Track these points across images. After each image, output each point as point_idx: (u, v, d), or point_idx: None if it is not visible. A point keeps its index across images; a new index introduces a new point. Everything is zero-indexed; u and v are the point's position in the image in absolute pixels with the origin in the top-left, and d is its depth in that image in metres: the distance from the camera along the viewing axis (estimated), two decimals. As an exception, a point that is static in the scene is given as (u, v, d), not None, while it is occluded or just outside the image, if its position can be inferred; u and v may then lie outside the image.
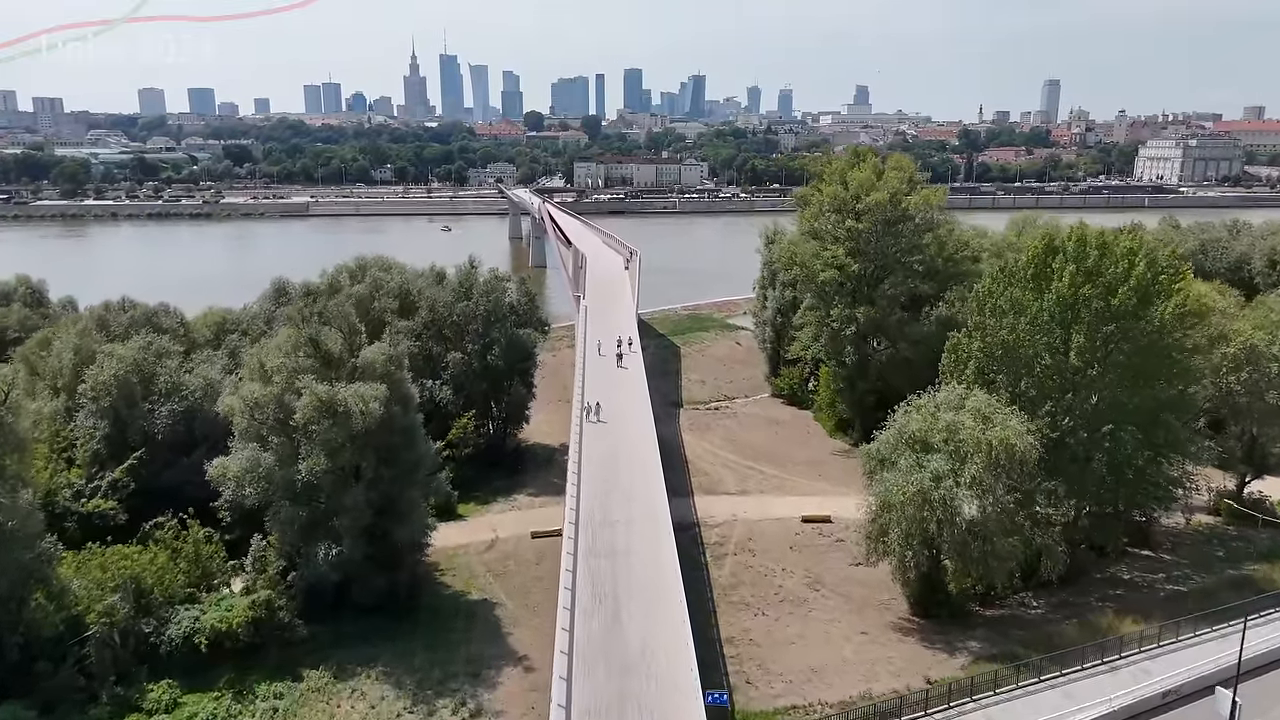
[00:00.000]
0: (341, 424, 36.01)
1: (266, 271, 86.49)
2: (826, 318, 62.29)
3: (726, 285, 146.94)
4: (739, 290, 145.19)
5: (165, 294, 63.32)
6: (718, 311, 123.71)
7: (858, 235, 59.95)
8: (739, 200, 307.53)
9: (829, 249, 60.05)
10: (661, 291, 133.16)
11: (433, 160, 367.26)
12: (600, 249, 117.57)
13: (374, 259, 64.93)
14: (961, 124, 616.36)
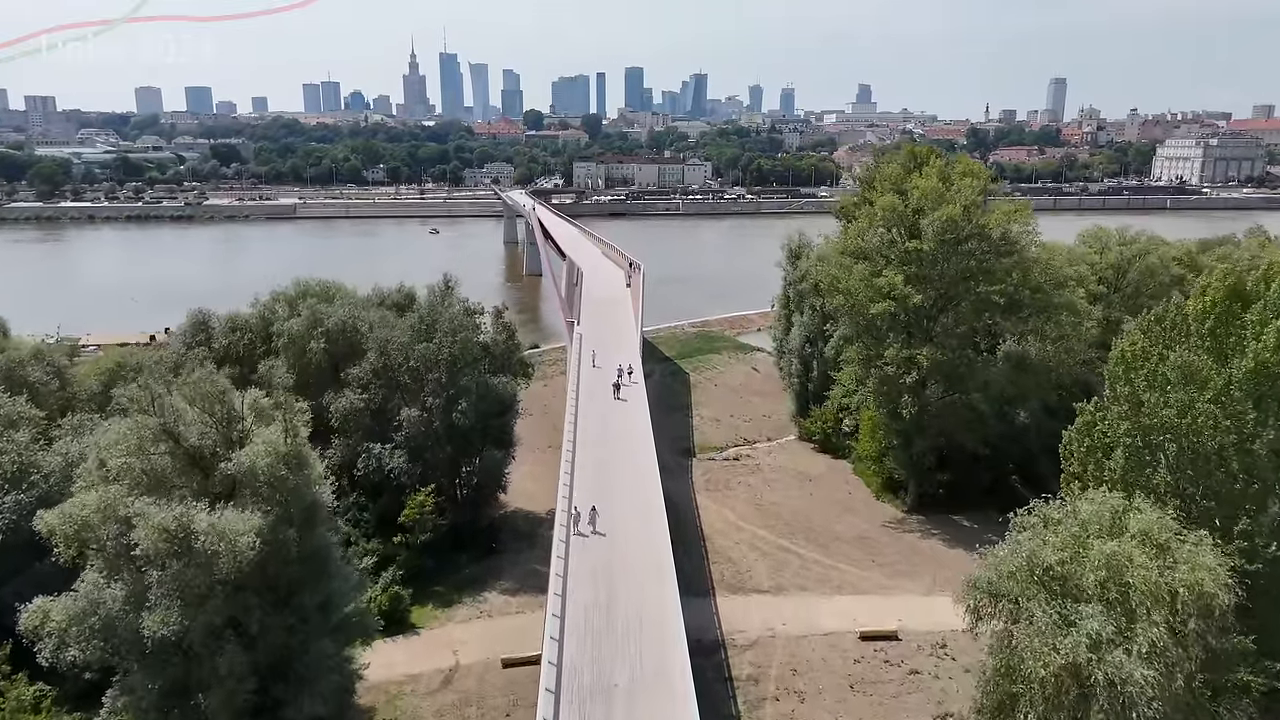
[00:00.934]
0: (201, 566, 23.88)
1: (245, 281, 76.81)
2: (876, 358, 50.06)
3: (737, 297, 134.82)
4: (750, 302, 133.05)
5: (122, 311, 51.40)
6: (729, 329, 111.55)
7: (919, 258, 47.64)
8: (745, 202, 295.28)
9: (884, 275, 47.66)
10: (667, 304, 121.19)
11: (428, 160, 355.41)
12: (599, 261, 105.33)
13: (316, 284, 52.22)
14: (969, 123, 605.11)
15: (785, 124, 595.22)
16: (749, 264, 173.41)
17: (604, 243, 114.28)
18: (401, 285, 63.87)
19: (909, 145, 66.14)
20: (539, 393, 78.84)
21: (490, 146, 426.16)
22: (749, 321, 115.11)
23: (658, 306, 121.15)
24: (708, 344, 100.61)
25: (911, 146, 61.77)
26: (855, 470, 59.81)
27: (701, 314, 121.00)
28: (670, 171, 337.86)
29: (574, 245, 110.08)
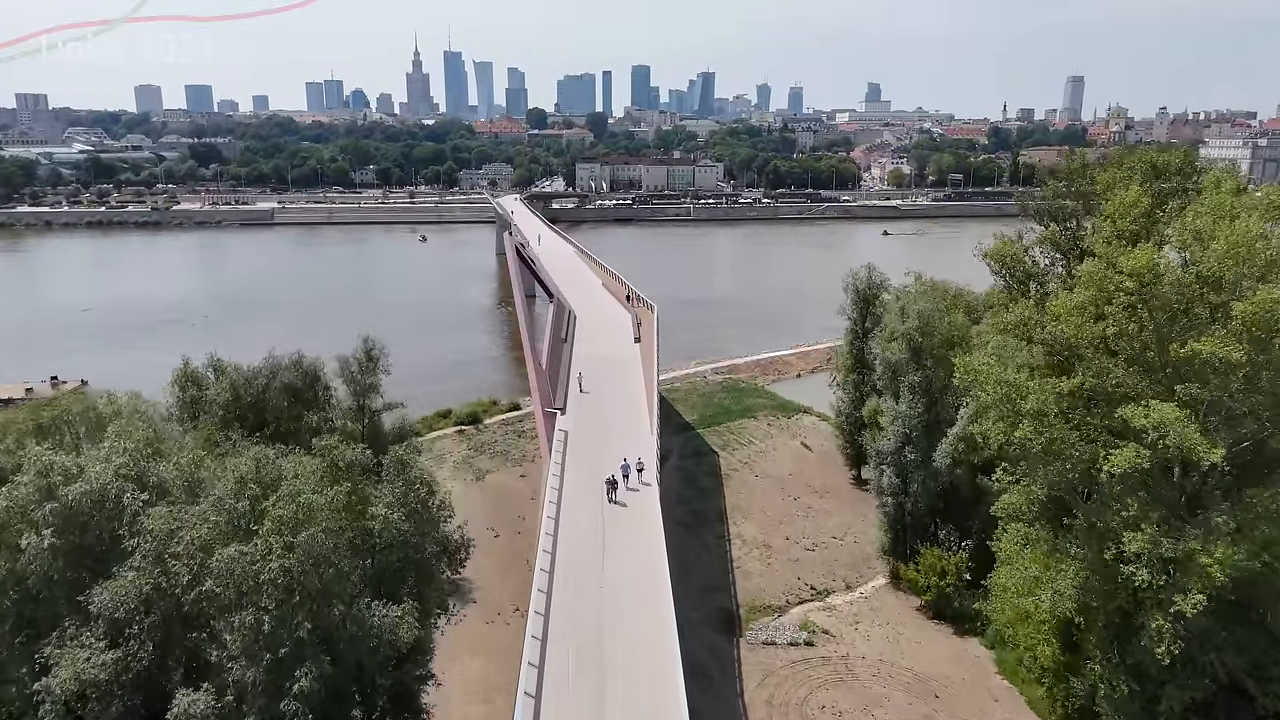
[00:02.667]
0: None
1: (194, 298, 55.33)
2: (1088, 534, 27.53)
3: (766, 325, 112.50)
4: (784, 333, 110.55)
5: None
6: (761, 375, 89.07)
7: (1210, 372, 24.73)
8: (761, 206, 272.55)
9: (1147, 407, 24.66)
10: (683, 336, 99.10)
11: (422, 160, 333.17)
12: (598, 298, 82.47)
13: (70, 395, 29.83)
14: (988, 121, 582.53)
15: (797, 123, 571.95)
16: (776, 280, 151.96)
17: (603, 266, 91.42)
18: (299, 358, 42.95)
19: (1129, 151, 44.40)
20: (511, 491, 56.61)
21: (490, 146, 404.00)
22: (786, 365, 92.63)
23: (671, 341, 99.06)
24: (738, 400, 78.10)
25: (1152, 153, 39.77)
26: (1000, 666, 37.45)
27: (726, 350, 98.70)
28: (680, 173, 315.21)
29: (567, 274, 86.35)
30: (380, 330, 49.21)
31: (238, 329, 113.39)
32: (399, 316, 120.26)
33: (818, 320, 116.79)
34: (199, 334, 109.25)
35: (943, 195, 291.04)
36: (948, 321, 47.20)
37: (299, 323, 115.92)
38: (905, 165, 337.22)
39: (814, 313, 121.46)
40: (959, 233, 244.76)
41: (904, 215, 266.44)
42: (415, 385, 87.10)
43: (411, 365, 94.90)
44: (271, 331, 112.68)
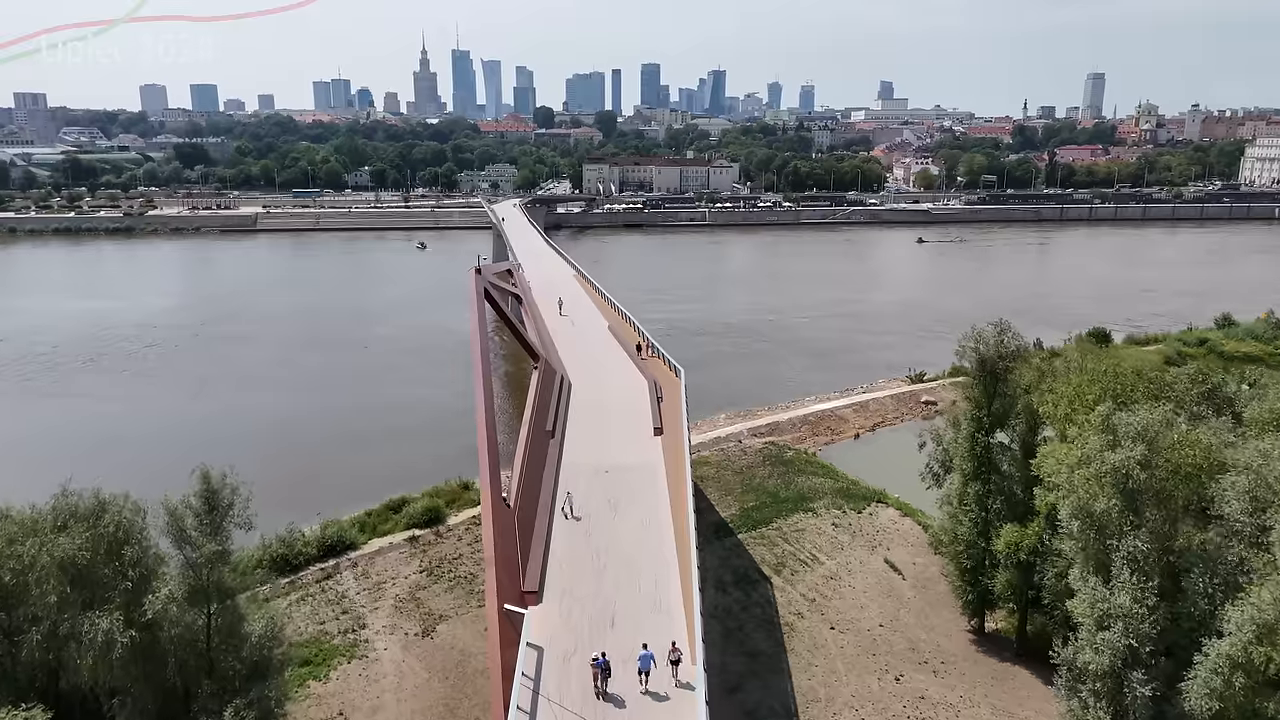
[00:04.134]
0: None
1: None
2: None
3: (809, 364, 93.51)
4: (828, 369, 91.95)
5: None
6: (810, 436, 70.17)
7: None
8: (782, 211, 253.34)
9: None
10: (706, 377, 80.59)
11: (422, 161, 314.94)
12: (601, 360, 57.96)
13: None
14: (1010, 119, 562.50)
15: (813, 121, 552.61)
16: (807, 297, 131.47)
17: (613, 305, 71.97)
18: (100, 504, 24.77)
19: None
20: (469, 661, 38.05)
21: (494, 146, 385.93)
22: (839, 423, 73.59)
23: (694, 384, 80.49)
24: (787, 481, 59.08)
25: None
26: None
27: (762, 397, 79.73)
28: (694, 175, 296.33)
29: (563, 318, 68.80)
30: (363, 366, 33.53)
31: (190, 364, 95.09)
32: (387, 345, 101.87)
33: (870, 354, 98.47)
34: (132, 375, 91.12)
35: (976, 198, 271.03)
36: (1177, 438, 28.40)
37: (269, 356, 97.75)
38: (933, 165, 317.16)
39: (862, 344, 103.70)
40: (1001, 239, 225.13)
41: (936, 220, 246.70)
42: (379, 450, 69.71)
43: (387, 417, 74.92)
44: (232, 369, 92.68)
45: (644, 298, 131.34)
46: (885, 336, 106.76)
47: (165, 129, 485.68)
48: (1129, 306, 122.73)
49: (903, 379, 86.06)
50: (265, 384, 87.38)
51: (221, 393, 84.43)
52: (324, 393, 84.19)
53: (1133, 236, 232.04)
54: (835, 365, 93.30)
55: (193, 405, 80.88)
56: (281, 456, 65.31)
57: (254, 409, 79.43)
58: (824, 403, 77.98)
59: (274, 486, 60.57)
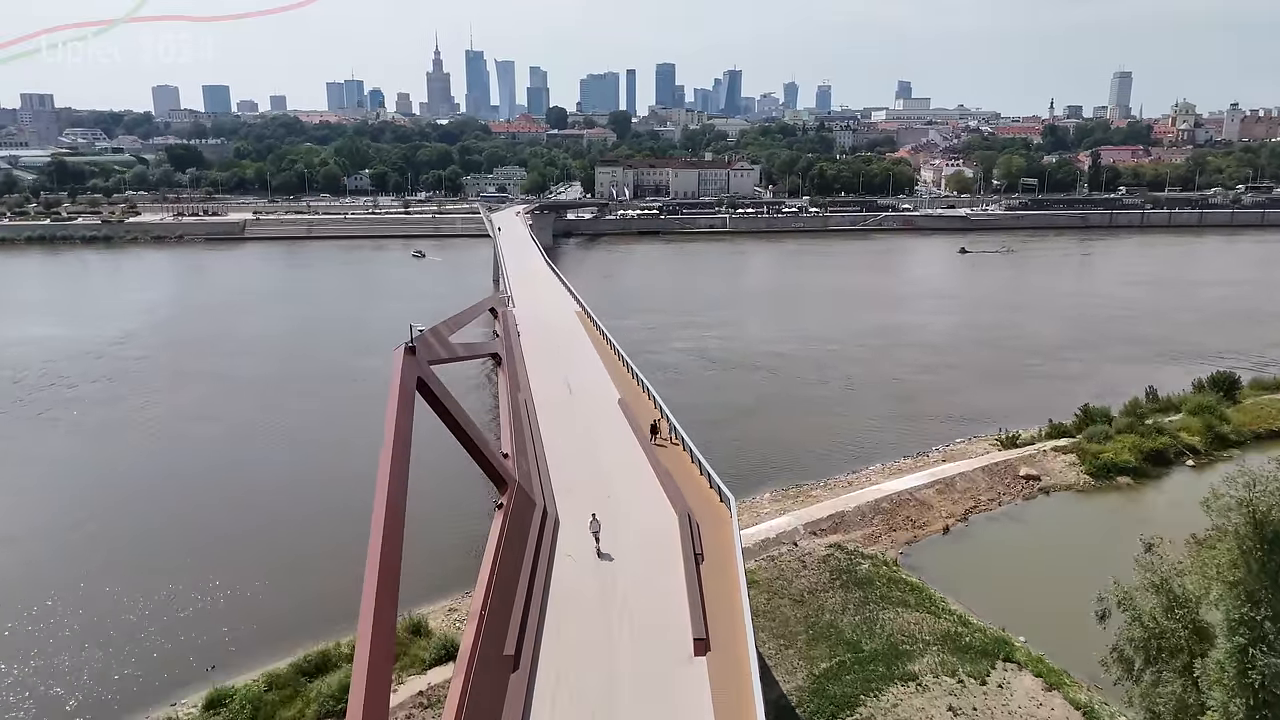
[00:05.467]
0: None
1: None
2: None
3: (868, 415, 75.62)
4: (892, 422, 74.92)
5: None
6: (887, 533, 53.00)
7: None
8: (808, 217, 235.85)
9: None
10: (741, 433, 64.41)
11: (427, 163, 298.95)
12: (607, 473, 38.27)
13: None
14: (1039, 119, 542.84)
15: (834, 121, 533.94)
16: (850, 322, 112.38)
17: (625, 362, 54.99)
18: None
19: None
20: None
21: (505, 147, 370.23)
22: (923, 510, 56.31)
23: (733, 449, 64.04)
24: (870, 620, 41.77)
25: None
26: None
27: (816, 470, 62.84)
28: (713, 177, 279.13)
29: (556, 391, 47.87)
30: (333, 413, 19.08)
31: (131, 411, 78.39)
32: (374, 381, 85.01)
33: (943, 401, 78.99)
34: (39, 429, 74.46)
35: (1018, 203, 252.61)
36: None
37: (222, 398, 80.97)
38: (968, 168, 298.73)
39: (932, 387, 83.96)
40: (1050, 248, 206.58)
41: (975, 227, 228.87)
42: (317, 558, 53.20)
43: (341, 496, 53.79)
44: (165, 419, 73.02)
45: (670, 320, 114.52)
46: (956, 374, 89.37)
47: (170, 130, 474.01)
48: (1238, 334, 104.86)
49: (989, 439, 68.89)
50: (201, 440, 71.00)
51: (134, 458, 68.09)
52: (270, 453, 67.76)
53: (1191, 244, 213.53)
54: (903, 415, 76.08)
55: (81, 479, 64.65)
56: (183, 569, 48.94)
57: (173, 477, 63.11)
58: (896, 478, 60.84)
59: (158, 622, 44.20)
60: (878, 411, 77.13)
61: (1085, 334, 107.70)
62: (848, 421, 74.25)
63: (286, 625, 42.75)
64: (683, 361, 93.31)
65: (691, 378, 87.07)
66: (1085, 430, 66.43)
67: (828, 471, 63.20)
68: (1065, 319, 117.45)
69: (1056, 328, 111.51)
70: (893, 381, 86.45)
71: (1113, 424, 67.53)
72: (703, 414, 73.78)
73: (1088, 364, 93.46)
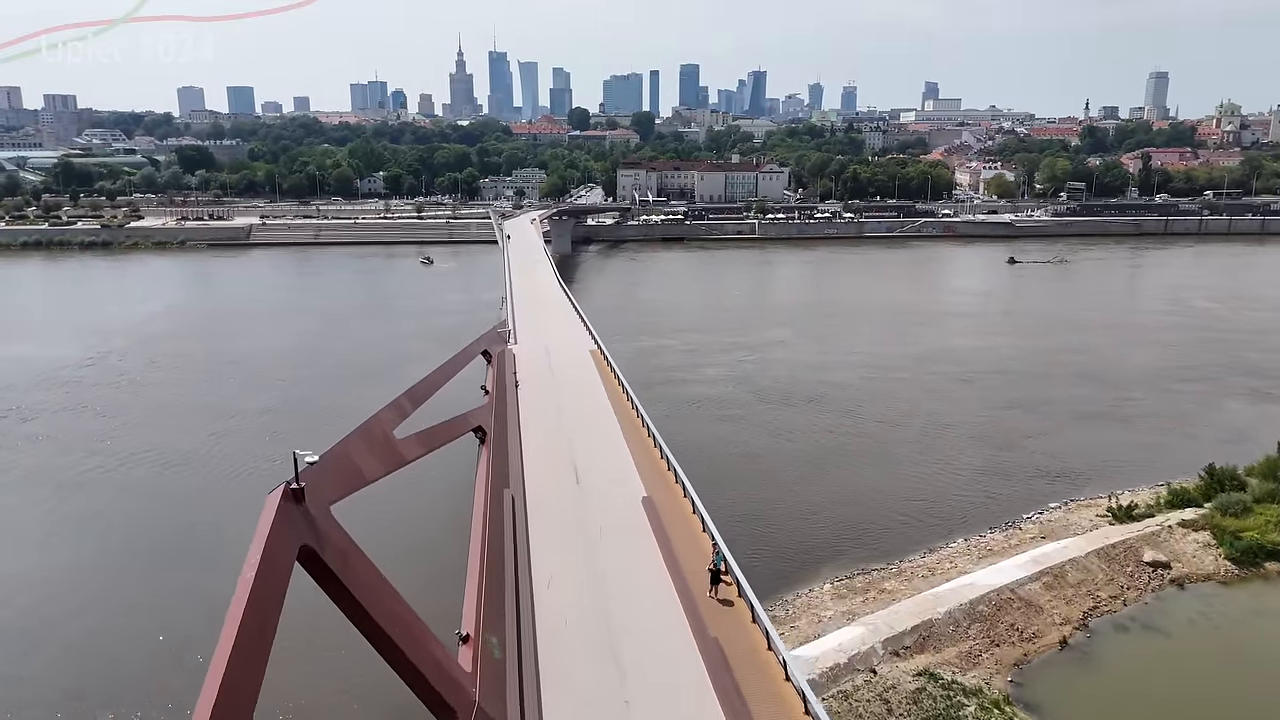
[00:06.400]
0: None
1: None
2: None
3: (931, 453, 62.74)
4: (967, 475, 62.00)
5: None
6: (989, 646, 40.81)
7: None
8: (842, 223, 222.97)
9: None
10: (795, 498, 52.89)
11: (444, 165, 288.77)
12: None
13: None
14: (1076, 120, 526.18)
15: (862, 122, 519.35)
16: (899, 345, 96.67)
17: (654, 438, 39.52)
18: None
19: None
20: None
21: (525, 149, 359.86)
22: (1031, 614, 43.93)
23: (781, 521, 52.65)
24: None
25: None
26: None
27: (887, 545, 51.00)
28: (741, 180, 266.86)
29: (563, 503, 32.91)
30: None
31: (76, 460, 67.45)
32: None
33: (1029, 449, 64.90)
34: None
35: (1065, 208, 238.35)
36: None
37: (211, 454, 69.54)
38: (1008, 170, 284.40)
39: (1016, 430, 69.40)
40: (1104, 257, 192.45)
41: (1020, 234, 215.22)
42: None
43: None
44: (120, 480, 56.37)
45: (701, 340, 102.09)
46: (1040, 413, 76.31)
47: (190, 131, 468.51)
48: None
49: (1093, 503, 56.57)
50: (126, 520, 60.10)
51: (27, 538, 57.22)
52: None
53: (1254, 254, 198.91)
54: (983, 468, 63.57)
55: None
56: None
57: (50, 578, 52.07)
58: (987, 563, 48.63)
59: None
60: (952, 461, 64.83)
61: (1183, 361, 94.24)
62: (918, 475, 61.98)
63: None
64: (718, 394, 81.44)
65: (729, 414, 75.28)
66: (1215, 499, 53.97)
67: (900, 548, 51.22)
68: (1154, 342, 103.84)
69: (1146, 353, 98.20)
70: (967, 423, 73.83)
71: (1248, 489, 55.05)
72: (746, 464, 61.96)
73: (1195, 399, 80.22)
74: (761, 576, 47.22)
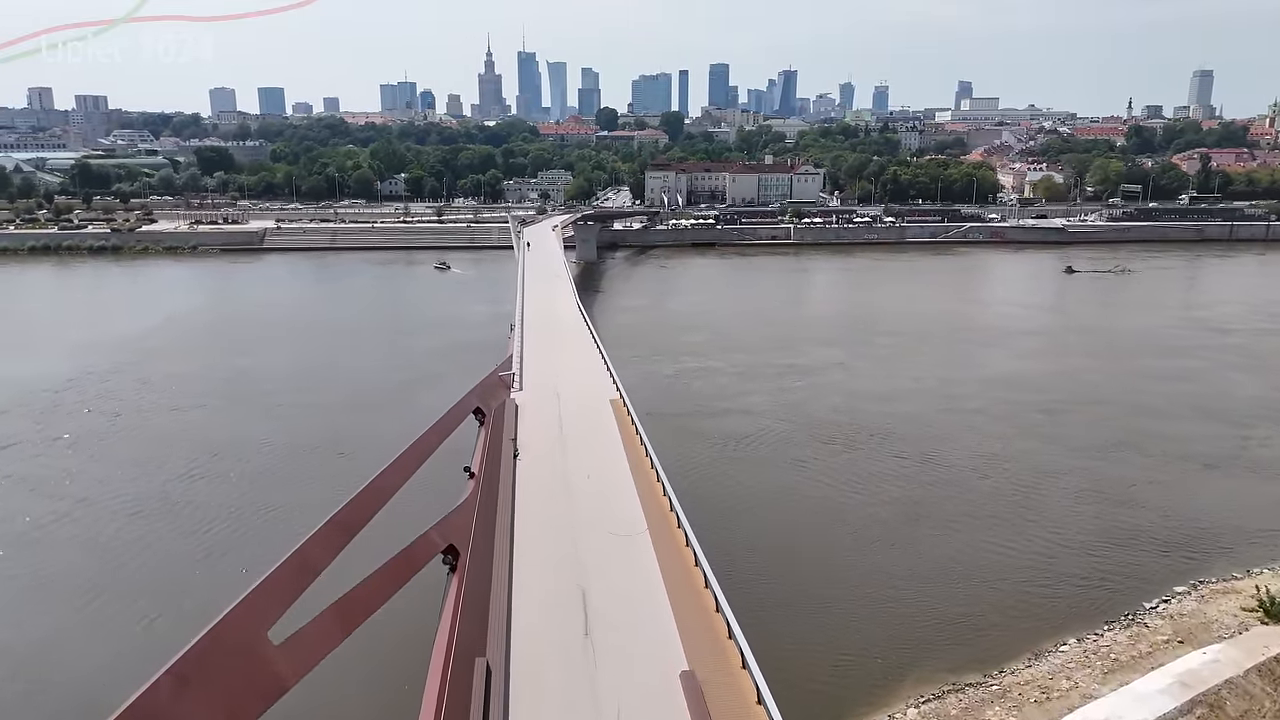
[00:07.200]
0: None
1: None
2: None
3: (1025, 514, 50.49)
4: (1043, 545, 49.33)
5: None
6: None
7: None
8: (883, 228, 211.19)
9: None
10: (856, 574, 42.29)
11: (468, 166, 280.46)
12: None
13: None
14: (1119, 120, 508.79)
15: (898, 121, 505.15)
16: (978, 364, 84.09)
17: (697, 557, 26.08)
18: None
19: None
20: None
21: (551, 150, 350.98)
22: None
23: (837, 581, 42.34)
24: None
25: None
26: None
27: (989, 645, 40.23)
28: (774, 182, 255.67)
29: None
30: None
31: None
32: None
33: (1131, 505, 52.25)
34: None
35: (1121, 213, 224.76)
36: None
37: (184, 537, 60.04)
38: (1055, 172, 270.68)
39: (1103, 478, 56.09)
40: (1168, 266, 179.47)
41: (1073, 240, 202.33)
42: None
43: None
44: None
45: (743, 362, 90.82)
46: (1150, 457, 64.54)
47: (217, 132, 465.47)
48: None
49: (1231, 586, 45.65)
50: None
51: None
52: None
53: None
54: (1089, 531, 52.39)
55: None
56: None
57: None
58: (1113, 678, 37.92)
59: None
60: (1049, 522, 53.76)
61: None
62: (1011, 542, 51.10)
63: None
64: (765, 429, 70.75)
65: (780, 456, 64.62)
66: (1397, 590, 42.89)
67: (1000, 651, 40.61)
68: (1263, 367, 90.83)
69: (1259, 380, 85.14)
70: (1059, 469, 62.52)
71: None
72: (803, 532, 51.21)
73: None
74: (832, 694, 36.99)
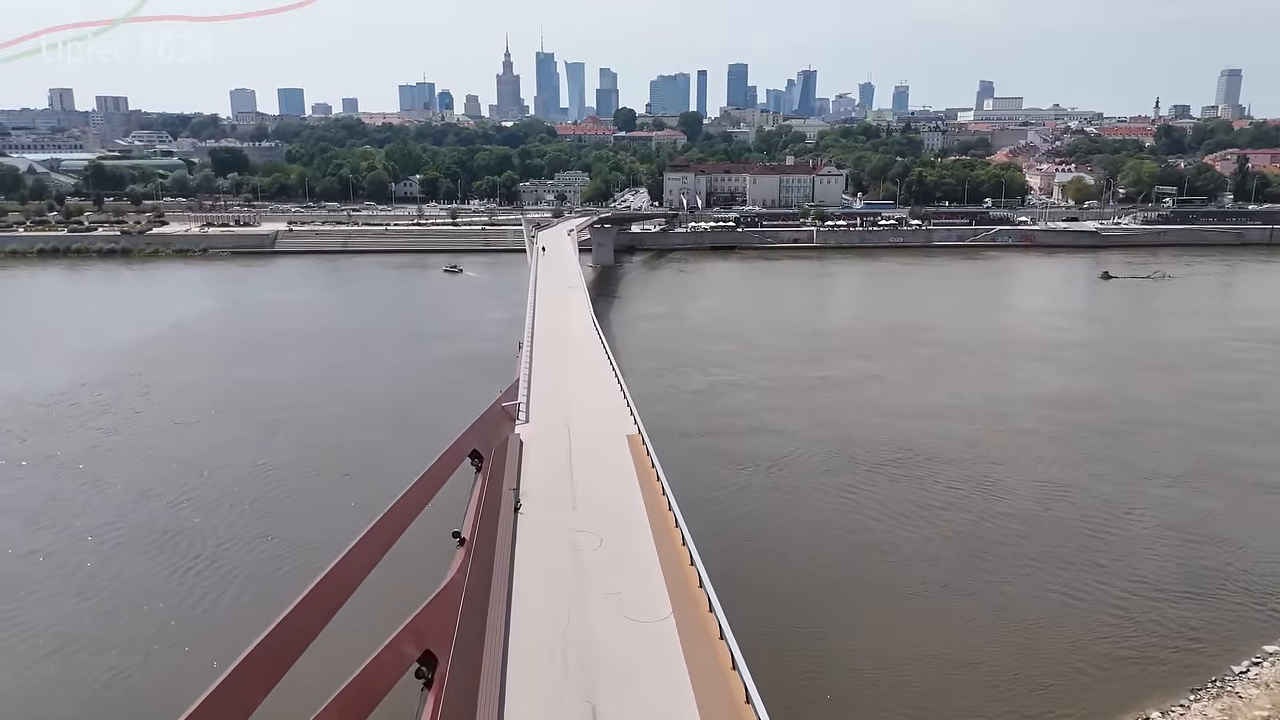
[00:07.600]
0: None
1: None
2: None
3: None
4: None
5: None
6: None
7: None
8: (908, 231, 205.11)
9: None
10: (904, 627, 36.23)
11: (484, 168, 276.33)
12: None
13: None
14: (1148, 120, 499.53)
15: (920, 121, 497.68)
16: (1026, 380, 77.65)
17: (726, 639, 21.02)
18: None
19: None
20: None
21: (569, 151, 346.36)
22: None
23: (882, 632, 35.98)
24: None
25: None
26: None
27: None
28: (796, 184, 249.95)
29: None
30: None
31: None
32: (381, 478, 58.61)
33: (1199, 547, 45.86)
34: None
35: (1156, 215, 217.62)
36: None
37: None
38: (1085, 173, 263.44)
39: (1170, 513, 49.29)
40: (1208, 271, 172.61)
41: (1107, 243, 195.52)
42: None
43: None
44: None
45: (771, 374, 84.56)
46: (1226, 484, 58.39)
47: (235, 132, 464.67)
48: None
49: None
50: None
51: None
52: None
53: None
54: (1167, 577, 46.88)
55: None
56: None
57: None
58: None
59: None
60: (1124, 567, 48.16)
61: None
62: (1084, 592, 45.45)
63: None
64: (800, 452, 65.22)
65: (816, 483, 59.21)
66: None
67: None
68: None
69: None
70: (1125, 502, 56.73)
71: None
72: (849, 575, 45.40)
73: None
74: None
